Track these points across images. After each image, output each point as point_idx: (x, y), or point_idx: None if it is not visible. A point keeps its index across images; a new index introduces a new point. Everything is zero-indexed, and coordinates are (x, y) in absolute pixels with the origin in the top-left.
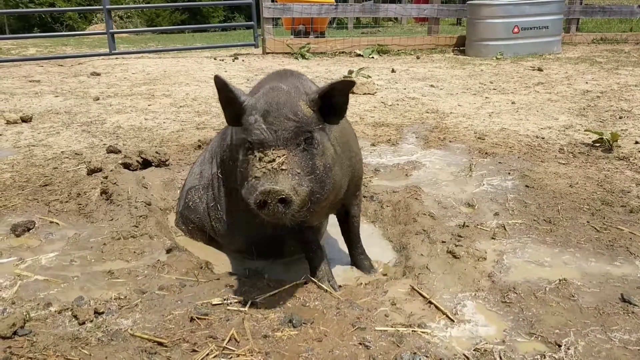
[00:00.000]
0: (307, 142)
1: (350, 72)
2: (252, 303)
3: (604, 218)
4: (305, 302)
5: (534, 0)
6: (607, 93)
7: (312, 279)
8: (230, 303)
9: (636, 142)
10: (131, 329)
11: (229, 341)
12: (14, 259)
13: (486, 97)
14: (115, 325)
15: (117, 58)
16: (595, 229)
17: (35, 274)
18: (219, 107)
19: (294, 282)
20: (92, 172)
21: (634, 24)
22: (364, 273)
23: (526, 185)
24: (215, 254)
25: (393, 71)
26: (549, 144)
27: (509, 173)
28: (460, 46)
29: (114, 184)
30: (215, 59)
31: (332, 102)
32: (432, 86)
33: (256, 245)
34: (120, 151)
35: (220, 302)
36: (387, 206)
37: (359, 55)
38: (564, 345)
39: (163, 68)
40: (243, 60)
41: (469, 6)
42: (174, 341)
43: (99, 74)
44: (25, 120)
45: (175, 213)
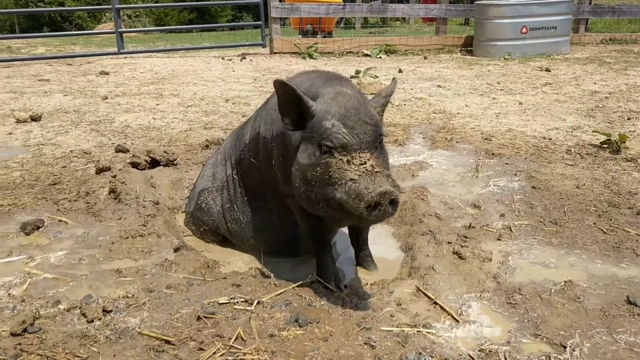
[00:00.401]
0: (380, 146)
1: (357, 72)
2: (258, 302)
3: (610, 220)
4: (311, 301)
5: (542, 1)
6: (616, 94)
7: (318, 278)
8: (237, 302)
9: None
10: (139, 327)
11: (235, 340)
12: (24, 257)
13: (493, 98)
14: (123, 324)
15: (125, 57)
16: (601, 230)
17: (45, 272)
18: (226, 107)
19: (300, 282)
20: (100, 171)
21: None
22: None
23: (533, 187)
24: (222, 253)
25: (400, 71)
26: (556, 145)
27: (516, 174)
28: (468, 46)
29: (123, 183)
30: (223, 58)
31: None
32: (439, 86)
33: (273, 244)
34: (128, 150)
35: (227, 301)
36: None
37: (367, 55)
38: (569, 346)
39: (171, 67)
40: (251, 60)
41: (476, 6)
42: (181, 339)
43: (107, 73)
44: (34, 119)
45: (183, 213)
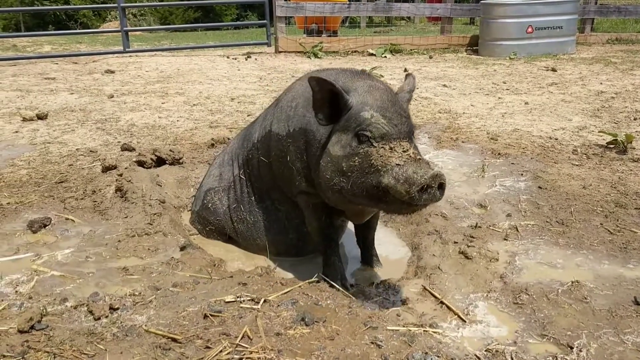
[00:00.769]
0: (413, 137)
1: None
2: (265, 301)
3: (617, 220)
4: (317, 300)
5: (548, 0)
6: (622, 94)
7: (324, 277)
8: (244, 301)
9: None
10: (145, 325)
11: (242, 338)
12: (31, 255)
13: (499, 98)
14: (130, 321)
15: (131, 56)
16: (608, 231)
17: (52, 269)
18: (231, 106)
19: (307, 281)
20: (106, 169)
21: None
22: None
23: (539, 187)
24: (228, 252)
25: (406, 71)
26: (563, 145)
27: (522, 174)
28: (474, 46)
29: (129, 181)
30: (228, 57)
31: None
32: (444, 86)
33: (280, 244)
34: (134, 149)
35: (233, 300)
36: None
37: (372, 54)
38: (576, 347)
39: (176, 66)
40: (256, 59)
41: (482, 5)
42: (187, 337)
43: (113, 72)
44: (40, 117)
45: (189, 211)
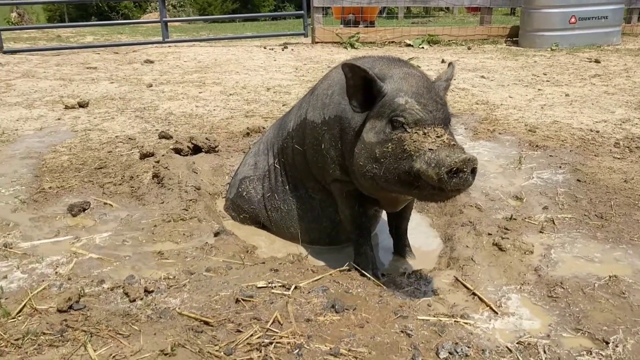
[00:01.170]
0: (449, 125)
1: None
2: (295, 287)
3: None
4: (348, 288)
5: None
6: None
7: (355, 266)
8: (275, 287)
9: None
10: (179, 308)
11: (272, 323)
12: (71, 238)
13: (539, 89)
14: (163, 304)
15: (169, 46)
16: None
17: (90, 252)
18: (267, 96)
19: (338, 269)
20: (144, 156)
21: None
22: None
23: (578, 180)
24: (260, 239)
25: (443, 62)
26: (604, 138)
27: (560, 166)
28: (514, 37)
29: (166, 168)
30: (265, 48)
31: None
32: (482, 77)
33: (313, 233)
34: (171, 137)
35: (265, 285)
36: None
37: (409, 45)
38: (612, 342)
39: (214, 56)
40: (292, 50)
41: None
42: (219, 321)
43: (152, 62)
44: (82, 105)
45: (224, 198)
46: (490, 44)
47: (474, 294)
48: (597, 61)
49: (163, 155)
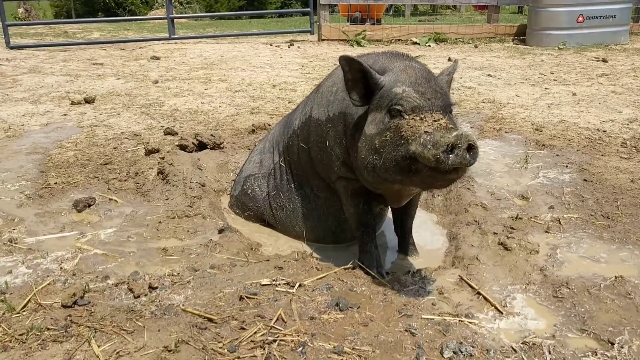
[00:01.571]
0: (451, 113)
1: None
2: (300, 285)
3: None
4: (352, 286)
5: None
6: None
7: (360, 264)
8: (279, 284)
9: None
10: (183, 305)
11: (276, 321)
12: (76, 233)
13: (546, 88)
14: (168, 300)
15: (176, 43)
16: None
17: (95, 248)
18: (273, 93)
19: (342, 267)
20: (149, 152)
21: None
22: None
23: (584, 179)
24: (265, 236)
25: (449, 60)
26: (611, 138)
27: (567, 166)
28: (521, 35)
29: (170, 164)
30: (271, 45)
31: None
32: (489, 76)
33: (318, 231)
34: (177, 133)
35: (269, 283)
36: (439, 195)
37: (415, 43)
38: (618, 343)
39: (220, 53)
40: (298, 47)
41: None
42: (223, 318)
43: (158, 58)
44: (88, 101)
45: (228, 195)
46: (497, 42)
47: (479, 293)
48: (605, 60)
49: (168, 152)
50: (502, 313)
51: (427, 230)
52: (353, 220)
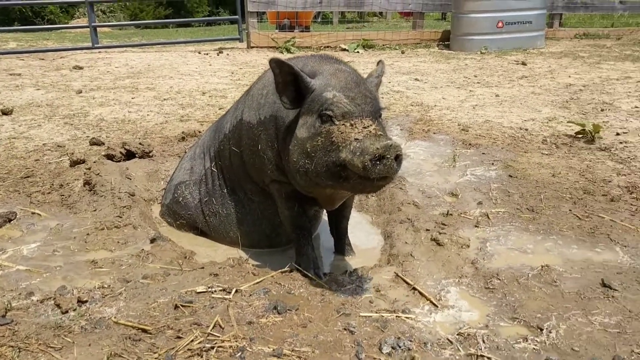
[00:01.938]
0: (380, 118)
1: None
2: (236, 291)
3: (585, 206)
4: (290, 289)
5: None
6: (590, 86)
7: (297, 267)
8: (215, 291)
9: (617, 134)
10: (115, 317)
11: (213, 327)
12: None
13: (470, 91)
14: (98, 314)
15: (100, 52)
16: (577, 217)
17: (17, 264)
18: (203, 100)
19: (279, 270)
20: (75, 163)
21: (615, 20)
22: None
23: (509, 175)
24: (199, 244)
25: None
26: (532, 136)
27: (493, 163)
28: (445, 41)
29: (97, 174)
30: (199, 53)
31: None
32: (416, 80)
33: (254, 236)
34: (103, 143)
35: (204, 290)
36: (372, 196)
37: (344, 49)
38: (546, 328)
39: (147, 62)
40: (228, 55)
41: (453, 1)
42: (158, 328)
43: (81, 68)
44: (5, 112)
45: (159, 204)
46: (423, 48)
47: (414, 288)
48: (524, 63)
49: (94, 162)
50: (437, 306)
51: (362, 230)
52: (288, 223)
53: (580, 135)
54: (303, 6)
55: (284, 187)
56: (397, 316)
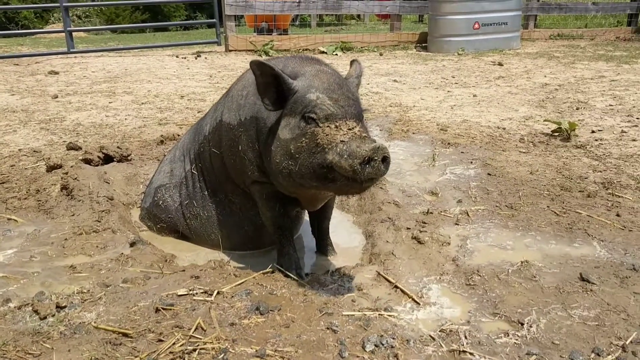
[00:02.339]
0: (362, 120)
1: None
2: (218, 292)
3: (563, 203)
4: (272, 290)
5: None
6: (565, 86)
7: (279, 267)
8: (196, 293)
9: (592, 132)
10: (95, 322)
11: (195, 330)
12: None
13: (448, 91)
14: (78, 319)
15: (75, 57)
16: (555, 213)
17: None
18: (181, 103)
19: (261, 272)
20: (51, 168)
21: (588, 21)
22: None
23: (488, 173)
24: (180, 247)
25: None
26: (510, 134)
27: (471, 162)
28: (423, 42)
29: (75, 179)
30: (177, 57)
31: None
32: (395, 81)
33: (235, 238)
34: (80, 148)
35: (186, 293)
36: (353, 196)
37: (323, 52)
38: (527, 323)
39: (124, 66)
40: (206, 58)
41: (430, 3)
42: (139, 332)
43: (57, 73)
44: None
45: (139, 208)
46: (401, 49)
47: (396, 286)
48: (501, 64)
49: (72, 167)
50: (419, 304)
51: (343, 230)
52: (270, 224)
53: (556, 134)
54: (281, 9)
55: (265, 188)
56: (379, 314)
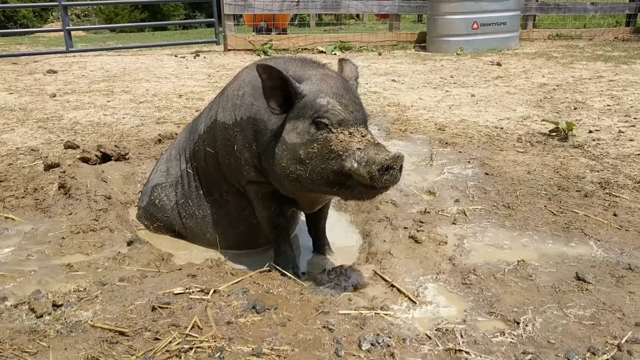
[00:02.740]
0: (367, 125)
1: None
2: (215, 291)
3: (560, 202)
4: (268, 289)
5: None
6: (563, 86)
7: (276, 266)
8: (193, 292)
9: (590, 131)
10: (91, 320)
11: (191, 328)
12: None
13: (447, 91)
14: (74, 317)
15: (74, 56)
16: (552, 212)
17: None
18: (179, 103)
19: (258, 270)
20: (49, 167)
21: (587, 21)
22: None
23: (486, 173)
24: (176, 246)
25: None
26: (508, 134)
27: (469, 161)
28: (422, 42)
29: (72, 178)
30: (176, 56)
31: None
32: (393, 81)
33: (231, 237)
34: (78, 146)
35: (182, 291)
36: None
37: (322, 52)
38: (523, 322)
39: (122, 65)
40: (204, 57)
41: (429, 2)
42: (135, 330)
43: (55, 72)
44: None
45: (137, 207)
46: (399, 49)
47: (393, 285)
48: (499, 64)
49: (69, 165)
50: (415, 303)
51: (340, 229)
52: (266, 223)
53: (554, 133)
54: (280, 9)
55: (261, 187)
56: (376, 313)
